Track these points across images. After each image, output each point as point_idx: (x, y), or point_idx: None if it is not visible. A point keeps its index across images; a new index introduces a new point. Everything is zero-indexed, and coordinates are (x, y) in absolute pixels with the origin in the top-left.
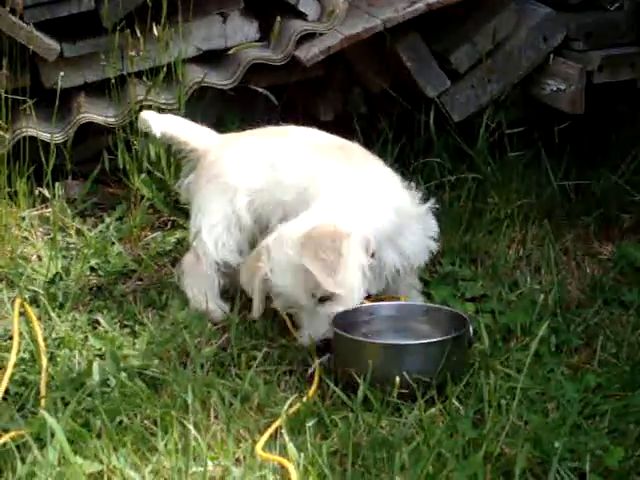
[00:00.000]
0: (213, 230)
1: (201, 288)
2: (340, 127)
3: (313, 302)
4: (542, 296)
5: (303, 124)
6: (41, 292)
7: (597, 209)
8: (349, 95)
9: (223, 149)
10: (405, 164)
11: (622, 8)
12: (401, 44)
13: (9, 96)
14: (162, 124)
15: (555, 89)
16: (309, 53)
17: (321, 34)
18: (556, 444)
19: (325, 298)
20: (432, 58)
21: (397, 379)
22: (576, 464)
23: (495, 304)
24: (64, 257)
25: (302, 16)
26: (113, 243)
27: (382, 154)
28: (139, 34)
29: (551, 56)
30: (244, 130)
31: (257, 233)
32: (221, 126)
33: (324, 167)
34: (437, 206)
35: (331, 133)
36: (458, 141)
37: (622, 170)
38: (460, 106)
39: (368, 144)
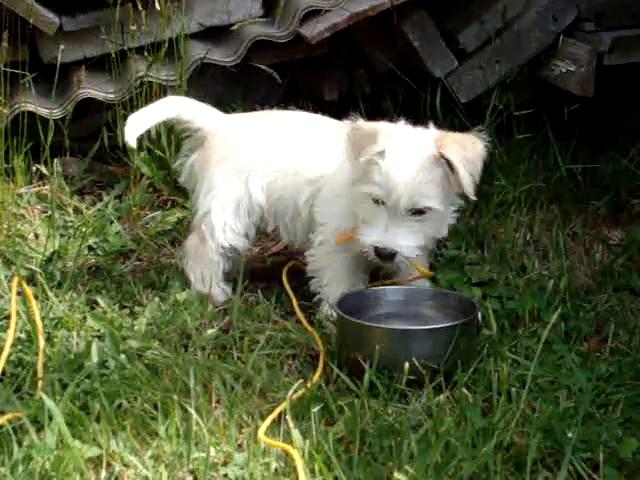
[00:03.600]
0: (223, 213)
1: (204, 271)
2: (344, 107)
3: (408, 207)
4: (551, 282)
5: (306, 103)
6: (38, 271)
7: (606, 194)
8: (354, 75)
9: (235, 129)
10: None
11: None
12: (408, 22)
13: (7, 69)
14: (145, 125)
15: (564, 70)
16: (314, 30)
17: (327, 11)
18: (569, 434)
19: (419, 211)
20: (439, 37)
21: (406, 365)
22: (589, 455)
23: (503, 289)
24: (62, 236)
25: None
26: (112, 222)
27: None
28: (140, 8)
29: (561, 37)
30: (248, 110)
31: (270, 217)
32: (223, 104)
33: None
34: None
35: (335, 113)
36: (465, 122)
37: (632, 154)
38: (467, 87)
39: None
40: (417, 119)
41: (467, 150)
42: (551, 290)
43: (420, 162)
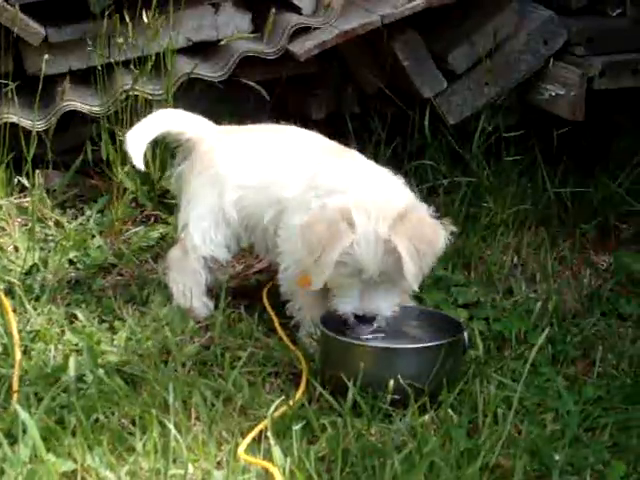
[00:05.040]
0: (201, 223)
1: (187, 284)
2: (332, 127)
3: (380, 278)
4: (539, 304)
5: (294, 122)
6: (17, 283)
7: (594, 218)
8: (342, 94)
9: (217, 141)
10: (398, 166)
11: (624, 14)
12: (398, 42)
13: None
14: (144, 142)
15: (554, 94)
16: (303, 47)
17: (316, 28)
18: (556, 457)
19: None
20: (429, 57)
21: (391, 383)
22: (576, 478)
23: (489, 311)
24: (42, 249)
25: (296, 10)
26: (93, 236)
27: (375, 155)
28: (128, 20)
29: (551, 60)
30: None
31: (242, 232)
32: (209, 120)
33: (331, 164)
34: None
35: (323, 133)
36: (453, 144)
37: (621, 179)
38: (456, 108)
39: (360, 144)
40: (405, 140)
41: (422, 242)
42: (538, 313)
43: (384, 241)
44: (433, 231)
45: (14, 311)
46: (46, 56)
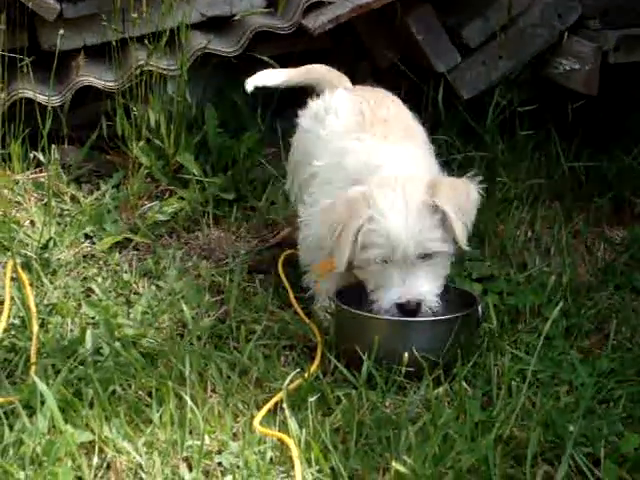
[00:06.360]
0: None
1: None
2: None
3: (417, 255)
4: (553, 278)
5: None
6: (34, 257)
7: (609, 192)
8: (356, 68)
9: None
10: None
11: None
12: (412, 16)
13: (5, 54)
14: (273, 80)
15: (569, 68)
16: (317, 22)
17: (330, 3)
18: (570, 428)
19: (428, 255)
20: (443, 31)
21: (405, 356)
22: (590, 449)
23: (503, 285)
24: (58, 224)
25: None
26: (109, 211)
27: None
28: None
29: (565, 34)
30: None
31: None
32: (223, 95)
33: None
34: None
35: None
36: (467, 118)
37: (636, 153)
38: (470, 82)
39: None
40: (419, 114)
41: (461, 198)
42: (552, 286)
43: (417, 209)
44: (465, 184)
45: (31, 285)
46: (61, 31)
